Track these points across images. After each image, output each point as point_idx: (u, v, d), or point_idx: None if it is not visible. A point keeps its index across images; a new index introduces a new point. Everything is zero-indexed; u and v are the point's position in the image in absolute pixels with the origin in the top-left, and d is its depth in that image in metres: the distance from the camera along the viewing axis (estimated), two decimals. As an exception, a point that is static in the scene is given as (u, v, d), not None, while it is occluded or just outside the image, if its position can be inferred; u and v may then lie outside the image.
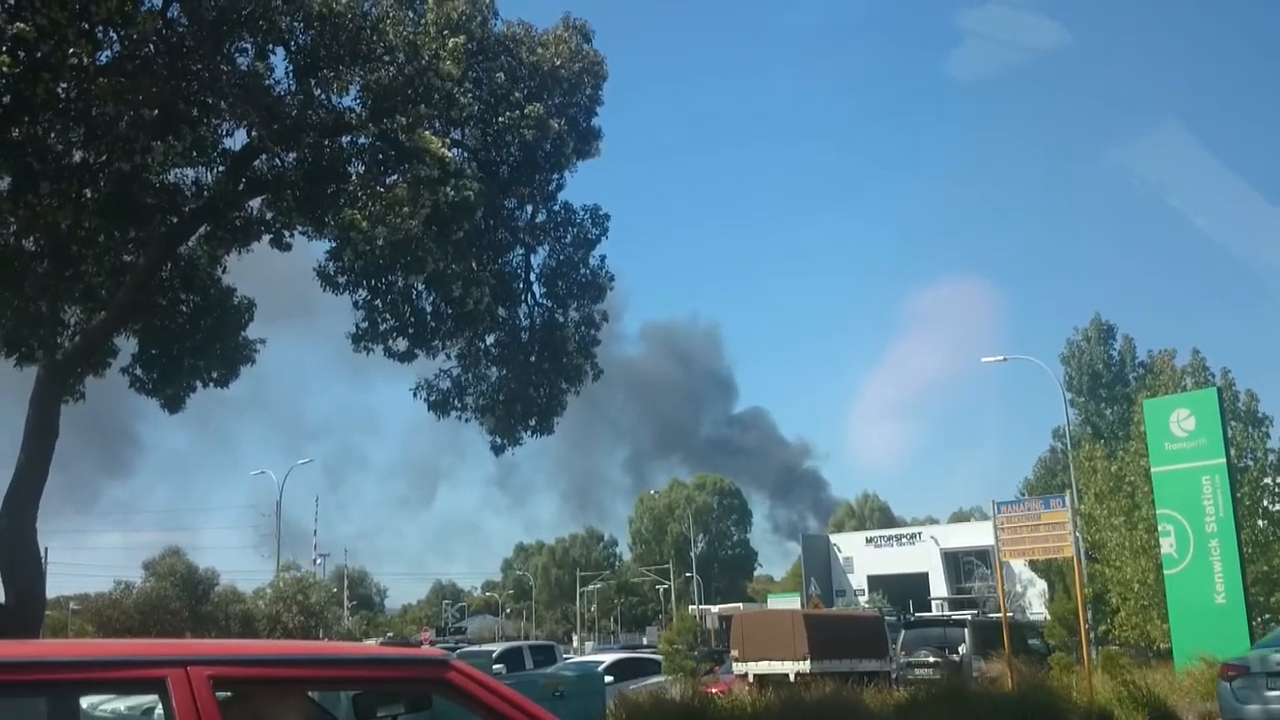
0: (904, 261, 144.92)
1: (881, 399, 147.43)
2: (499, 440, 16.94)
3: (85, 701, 3.39)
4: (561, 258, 16.76)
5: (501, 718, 3.05)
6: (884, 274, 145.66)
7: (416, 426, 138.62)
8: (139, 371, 15.94)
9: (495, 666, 19.75)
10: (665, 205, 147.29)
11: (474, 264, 14.53)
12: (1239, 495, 24.29)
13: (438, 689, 3.08)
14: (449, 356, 16.53)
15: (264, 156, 13.92)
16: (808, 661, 20.58)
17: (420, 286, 14.93)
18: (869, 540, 73.59)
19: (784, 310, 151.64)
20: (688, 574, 79.91)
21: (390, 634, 71.28)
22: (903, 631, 26.77)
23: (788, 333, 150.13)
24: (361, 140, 13.98)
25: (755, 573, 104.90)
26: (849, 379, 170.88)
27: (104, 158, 11.64)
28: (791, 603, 52.95)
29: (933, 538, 70.50)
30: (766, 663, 21.22)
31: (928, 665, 23.29)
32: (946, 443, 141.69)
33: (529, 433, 16.91)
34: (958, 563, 67.74)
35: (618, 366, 19.10)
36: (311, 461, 70.60)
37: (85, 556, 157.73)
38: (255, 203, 14.91)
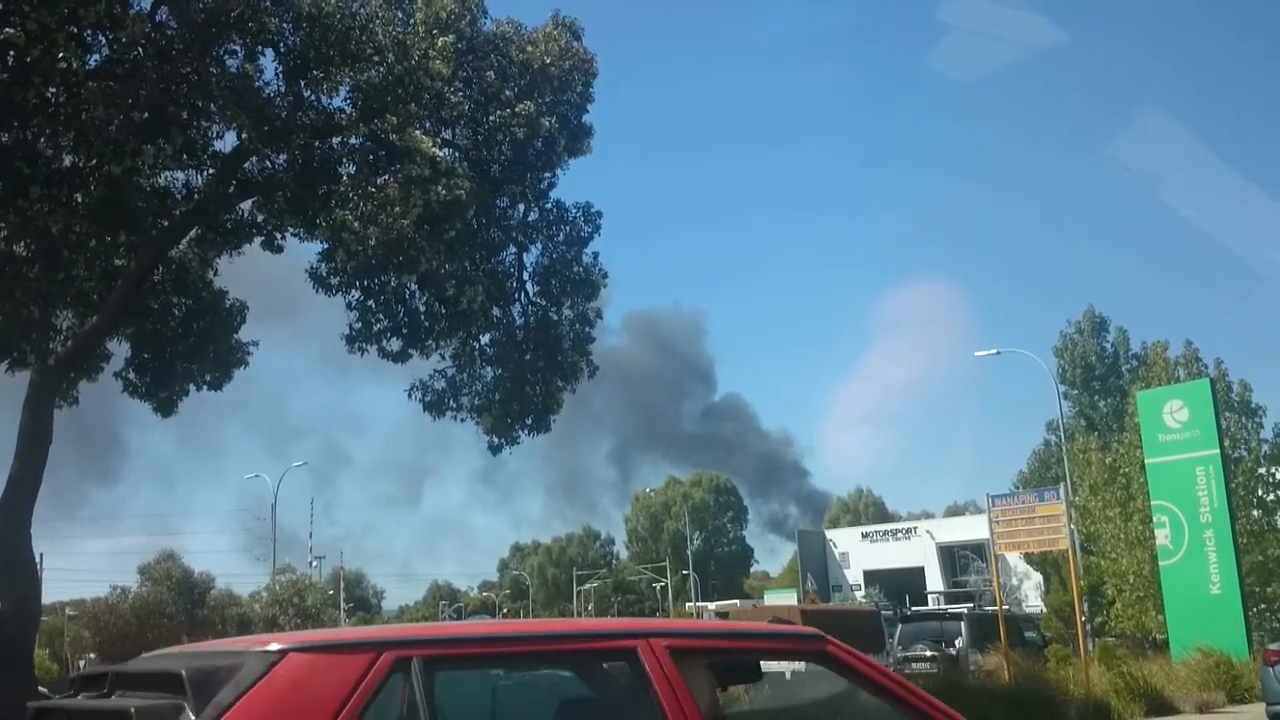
0: (895, 256, 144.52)
1: (873, 394, 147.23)
2: (496, 440, 16.93)
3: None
4: (554, 256, 16.74)
5: (873, 684, 3.63)
6: (874, 268, 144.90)
7: (405, 426, 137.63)
8: (132, 375, 15.91)
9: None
10: (651, 196, 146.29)
11: (467, 263, 14.51)
12: (1233, 486, 24.34)
13: (819, 659, 3.69)
14: (443, 356, 16.53)
15: (254, 158, 13.90)
16: (805, 657, 20.57)
17: (413, 286, 14.92)
18: (864, 535, 73.65)
19: (770, 302, 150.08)
20: (685, 571, 79.87)
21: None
22: (899, 626, 26.78)
23: (773, 325, 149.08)
24: (352, 141, 13.96)
25: (752, 569, 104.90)
26: (839, 373, 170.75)
27: (94, 161, 11.59)
28: (788, 599, 52.97)
29: (928, 532, 70.56)
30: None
31: (924, 659, 23.32)
32: (940, 437, 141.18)
33: (526, 431, 16.90)
34: (953, 556, 67.78)
35: (601, 359, 19.27)
36: (306, 464, 70.39)
37: (74, 562, 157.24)
38: (246, 205, 14.88)
